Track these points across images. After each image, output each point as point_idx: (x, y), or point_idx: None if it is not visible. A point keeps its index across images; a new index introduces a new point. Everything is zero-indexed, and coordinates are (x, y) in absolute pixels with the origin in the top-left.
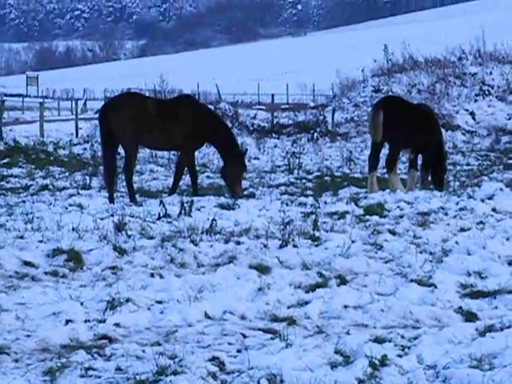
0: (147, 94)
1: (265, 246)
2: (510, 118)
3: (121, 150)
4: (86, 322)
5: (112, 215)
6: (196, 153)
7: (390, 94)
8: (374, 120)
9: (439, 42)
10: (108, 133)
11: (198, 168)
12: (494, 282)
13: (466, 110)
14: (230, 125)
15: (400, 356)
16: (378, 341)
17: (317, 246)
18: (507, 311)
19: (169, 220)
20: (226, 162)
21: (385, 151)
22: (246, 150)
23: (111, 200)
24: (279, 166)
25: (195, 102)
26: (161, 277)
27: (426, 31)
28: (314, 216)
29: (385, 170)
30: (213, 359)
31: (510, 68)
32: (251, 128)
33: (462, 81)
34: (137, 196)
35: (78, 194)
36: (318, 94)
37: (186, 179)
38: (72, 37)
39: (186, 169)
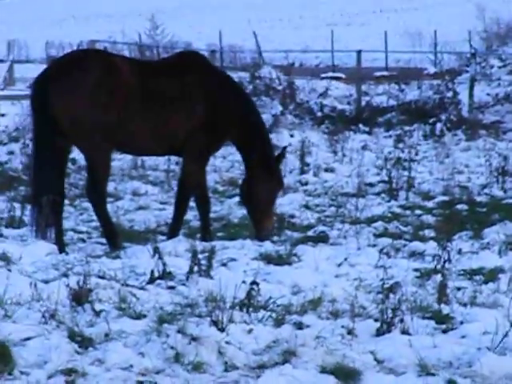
0: (124, 53)
1: (349, 331)
2: None
3: (77, 155)
4: None
5: (65, 275)
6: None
7: None
8: None
9: None
10: (49, 126)
11: (222, 188)
12: None
13: None
14: (279, 107)
15: None
16: None
17: (446, 331)
18: None
19: (170, 284)
20: (253, 174)
21: None
22: (285, 149)
23: (60, 246)
24: (372, 185)
25: (210, 65)
26: None
27: None
28: (439, 277)
29: None
30: None
31: None
32: (319, 114)
33: None
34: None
35: (1, 235)
36: (443, 50)
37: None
38: None
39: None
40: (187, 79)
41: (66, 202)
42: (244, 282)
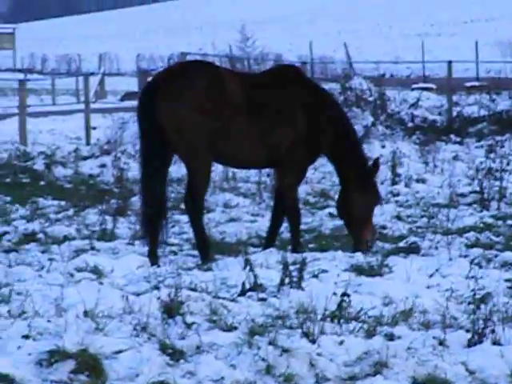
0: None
1: (441, 342)
2: None
3: (178, 167)
4: None
5: (157, 287)
6: None
7: None
8: None
9: None
10: (156, 136)
11: (313, 199)
12: None
13: None
14: (370, 118)
15: None
16: None
17: None
18: None
19: (262, 296)
20: (349, 187)
21: None
22: (378, 160)
23: (154, 259)
24: (464, 195)
25: (308, 78)
26: None
27: None
28: None
29: None
30: None
31: None
32: (410, 125)
33: None
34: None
35: (93, 248)
36: None
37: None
38: None
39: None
40: (289, 92)
41: None
42: (335, 293)
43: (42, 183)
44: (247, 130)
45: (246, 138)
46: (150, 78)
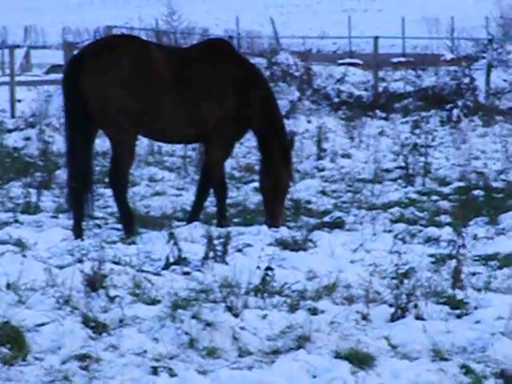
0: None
1: (364, 317)
2: None
3: (103, 140)
4: None
5: (80, 261)
6: None
7: None
8: None
9: None
10: (81, 110)
11: (239, 174)
12: None
13: None
14: (296, 93)
15: None
16: None
17: (460, 317)
18: None
19: (186, 270)
20: (272, 162)
21: None
22: (292, 138)
23: (78, 232)
24: (389, 171)
25: (237, 53)
26: (171, 375)
27: None
28: (454, 263)
29: None
30: None
31: None
32: (336, 100)
33: None
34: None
35: (16, 221)
36: (460, 36)
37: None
38: None
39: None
40: (218, 67)
41: None
42: (259, 267)
43: None
44: (175, 105)
45: (173, 114)
46: (75, 52)
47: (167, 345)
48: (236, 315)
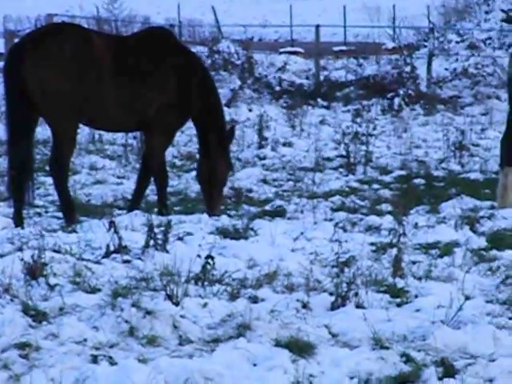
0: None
1: (304, 305)
2: None
3: (44, 128)
4: None
5: (20, 249)
6: None
7: None
8: None
9: None
10: (21, 98)
11: (180, 162)
12: None
13: None
14: (237, 82)
15: None
16: None
17: (400, 305)
18: None
19: (126, 258)
20: (210, 152)
21: None
22: (233, 127)
23: (18, 221)
24: (330, 159)
25: (178, 41)
26: (111, 363)
27: None
28: (394, 251)
29: None
30: None
31: None
32: (277, 88)
33: None
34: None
35: None
36: (402, 24)
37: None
38: None
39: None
40: (159, 55)
41: None
42: (199, 255)
43: None
44: (116, 93)
45: (114, 102)
46: (16, 40)
47: (107, 333)
48: (176, 303)
